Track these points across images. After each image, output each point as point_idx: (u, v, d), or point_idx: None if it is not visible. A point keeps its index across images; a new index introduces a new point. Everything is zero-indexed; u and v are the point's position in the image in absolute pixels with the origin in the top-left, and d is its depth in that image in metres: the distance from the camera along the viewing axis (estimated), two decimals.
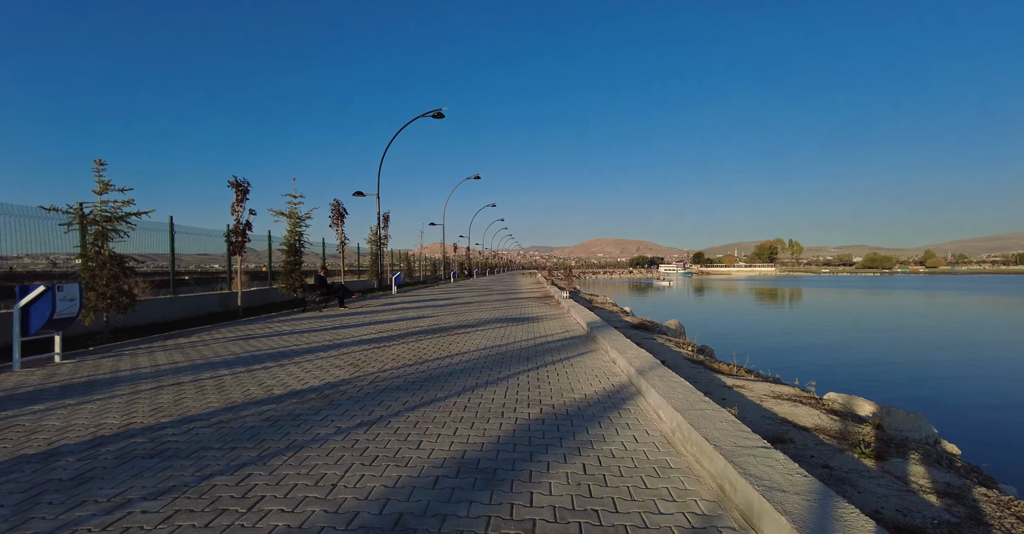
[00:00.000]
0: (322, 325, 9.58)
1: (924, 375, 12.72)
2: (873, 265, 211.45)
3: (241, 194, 11.59)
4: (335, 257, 20.68)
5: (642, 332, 9.62)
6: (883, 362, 14.35)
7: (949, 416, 8.82)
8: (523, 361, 5.85)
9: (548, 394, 4.35)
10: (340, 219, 19.15)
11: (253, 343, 7.34)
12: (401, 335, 8.03)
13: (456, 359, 5.95)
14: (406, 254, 32.85)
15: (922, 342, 18.56)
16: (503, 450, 3.05)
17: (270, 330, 8.89)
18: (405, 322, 9.92)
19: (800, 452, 3.17)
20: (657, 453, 3.06)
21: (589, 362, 5.81)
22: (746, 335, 19.97)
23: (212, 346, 7.10)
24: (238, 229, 11.64)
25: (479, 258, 69.11)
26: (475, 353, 6.37)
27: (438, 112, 20.32)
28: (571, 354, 6.32)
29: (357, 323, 9.82)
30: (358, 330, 8.71)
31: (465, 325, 9.38)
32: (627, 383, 4.79)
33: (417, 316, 11.15)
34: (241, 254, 11.94)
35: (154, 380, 4.92)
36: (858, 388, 10.30)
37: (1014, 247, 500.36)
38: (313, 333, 8.38)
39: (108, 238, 7.42)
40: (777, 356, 14.24)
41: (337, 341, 7.44)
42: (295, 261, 15.06)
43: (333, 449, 3.05)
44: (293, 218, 15.12)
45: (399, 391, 4.43)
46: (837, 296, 49.79)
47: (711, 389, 4.86)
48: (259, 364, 5.69)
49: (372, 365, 5.58)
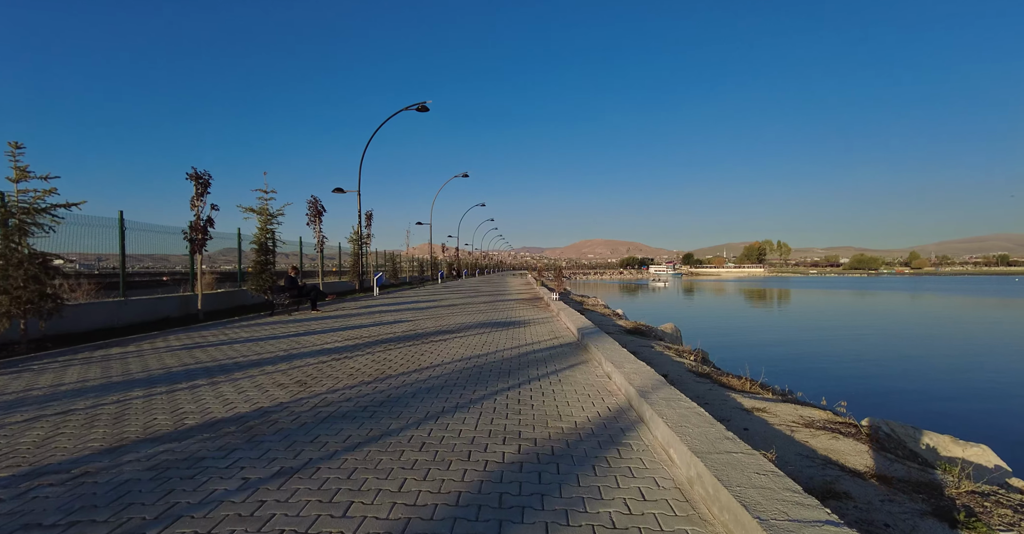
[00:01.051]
0: (285, 331, 8.65)
1: (948, 387, 11.89)
2: (860, 266, 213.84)
3: (202, 187, 10.61)
4: (314, 257, 19.65)
5: (637, 338, 8.83)
6: (897, 372, 13.53)
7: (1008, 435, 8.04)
8: (504, 376, 5.00)
9: (530, 423, 3.51)
10: (318, 217, 18.17)
11: (196, 354, 6.40)
12: (369, 344, 7.14)
13: (425, 374, 5.09)
14: (392, 254, 31.84)
15: (931, 348, 17.88)
16: (462, 518, 2.21)
17: (224, 337, 7.94)
18: (378, 327, 9.02)
19: (864, 515, 2.36)
20: (673, 519, 2.23)
21: (580, 377, 4.98)
22: (746, 340, 19.32)
23: (146, 358, 6.15)
24: (198, 226, 10.65)
25: (469, 259, 68.15)
26: (449, 366, 5.51)
27: (422, 105, 19.43)
28: (560, 366, 5.49)
29: (325, 329, 8.90)
30: (323, 337, 7.80)
31: (444, 331, 8.51)
32: (626, 406, 3.96)
33: (394, 321, 10.25)
34: (201, 253, 10.95)
35: (39, 406, 3.98)
36: (886, 407, 9.48)
37: (994, 248, 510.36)
38: (270, 341, 7.46)
39: (27, 233, 6.42)
40: (783, 365, 13.45)
41: (294, 351, 6.53)
42: (266, 261, 14.07)
43: (224, 519, 2.18)
44: (264, 215, 14.13)
45: (344, 420, 3.56)
46: (831, 297, 49.65)
47: (728, 414, 4.05)
48: (187, 382, 4.78)
49: (323, 383, 4.69)
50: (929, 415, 9.23)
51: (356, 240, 20.96)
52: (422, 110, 19.56)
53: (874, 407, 8.97)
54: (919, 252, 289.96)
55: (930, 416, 9.13)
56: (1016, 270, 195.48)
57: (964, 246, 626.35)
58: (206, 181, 10.66)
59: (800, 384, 7.12)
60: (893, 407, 9.72)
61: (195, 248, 10.72)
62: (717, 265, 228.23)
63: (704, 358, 7.26)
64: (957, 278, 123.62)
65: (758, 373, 6.95)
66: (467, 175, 35.04)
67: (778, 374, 8.20)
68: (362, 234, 21.01)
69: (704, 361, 7.02)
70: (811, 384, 9.95)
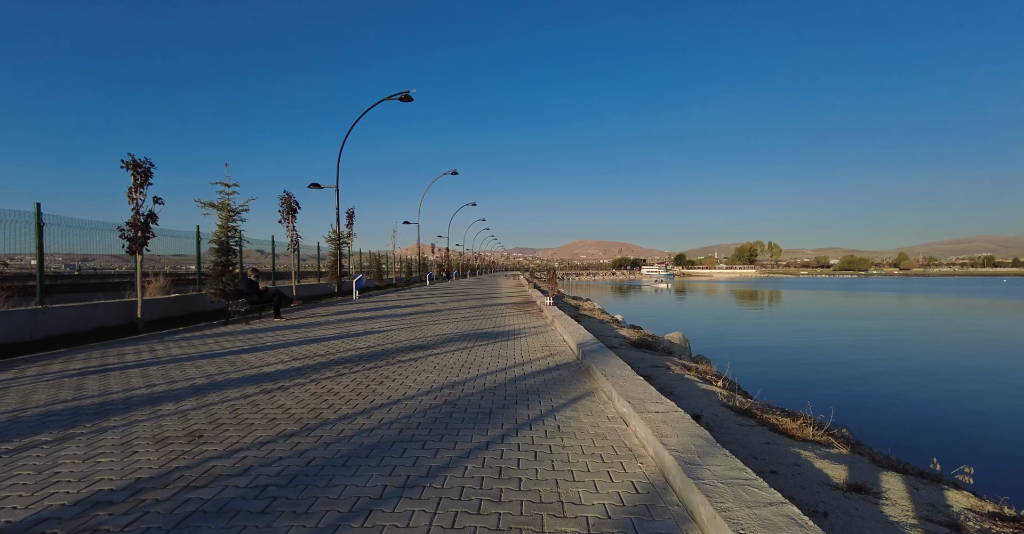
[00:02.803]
0: (227, 346, 7.25)
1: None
2: (850, 267, 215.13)
3: (141, 177, 9.17)
4: (292, 258, 18.17)
5: (646, 353, 7.56)
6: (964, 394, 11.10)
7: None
8: (482, 421, 3.68)
9: (517, 524, 2.19)
10: (291, 214, 16.68)
11: (88, 383, 4.99)
12: (321, 365, 5.77)
13: (375, 418, 3.74)
14: (377, 255, 30.37)
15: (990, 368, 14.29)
16: None
17: (145, 356, 6.52)
18: (342, 341, 7.65)
19: None
20: None
21: (587, 421, 3.68)
22: (756, 347, 17.45)
23: (10, 391, 4.73)
24: (137, 222, 9.19)
25: (460, 260, 66.71)
26: (412, 403, 4.17)
27: (406, 95, 18.06)
28: (558, 402, 4.18)
29: (277, 343, 7.52)
30: (267, 356, 6.41)
31: (418, 346, 7.17)
32: (660, 485, 2.65)
33: (364, 331, 8.88)
34: (142, 253, 9.49)
35: None
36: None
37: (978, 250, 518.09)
38: (200, 361, 6.06)
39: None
40: (812, 385, 11.44)
41: (219, 377, 5.15)
42: (227, 262, 12.63)
43: None
44: (225, 210, 12.69)
45: (217, 520, 2.21)
46: (832, 299, 48.88)
47: (816, 495, 2.75)
48: (19, 440, 3.38)
49: (225, 437, 3.33)
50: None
51: (335, 239, 19.51)
52: (406, 100, 18.19)
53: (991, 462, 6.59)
54: (907, 253, 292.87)
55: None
56: (1002, 271, 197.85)
57: (949, 247, 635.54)
58: (147, 170, 9.22)
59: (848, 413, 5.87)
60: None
61: (135, 248, 9.26)
62: (709, 266, 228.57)
63: (734, 384, 5.98)
64: (947, 279, 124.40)
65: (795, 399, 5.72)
66: (456, 173, 33.70)
67: (819, 399, 6.87)
68: (341, 233, 19.55)
69: (733, 387, 5.74)
70: (865, 416, 8.35)
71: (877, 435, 4.92)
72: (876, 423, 7.94)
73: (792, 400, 6.38)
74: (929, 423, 8.66)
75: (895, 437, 6.78)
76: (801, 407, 5.05)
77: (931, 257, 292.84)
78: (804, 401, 5.62)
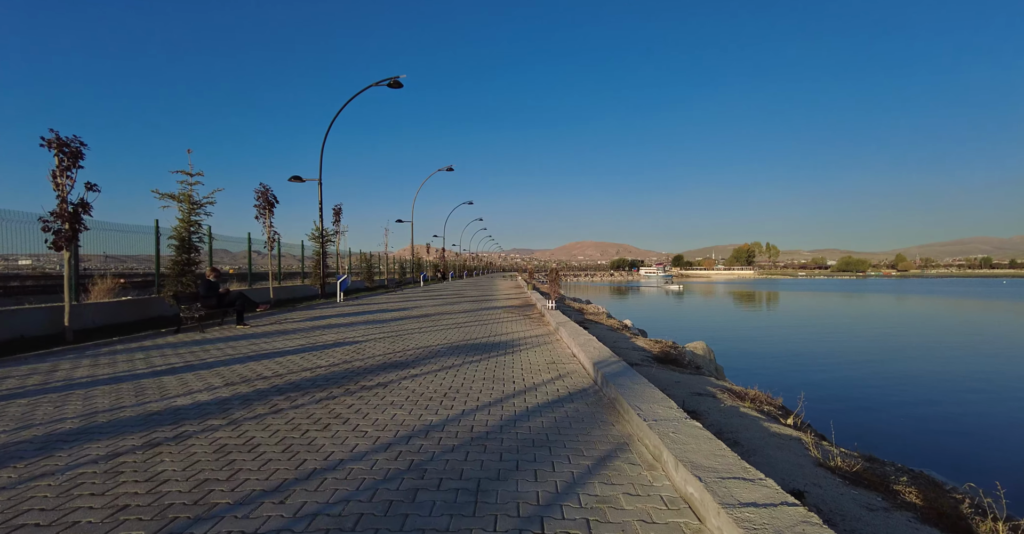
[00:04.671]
0: (155, 364, 5.80)
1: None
2: (848, 268, 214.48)
3: (68, 159, 7.71)
4: (269, 257, 16.69)
5: (676, 372, 6.17)
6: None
7: None
8: (462, 514, 2.27)
9: None
10: (269, 208, 15.23)
11: None
12: (257, 394, 4.35)
13: (287, 512, 2.33)
14: (369, 255, 28.92)
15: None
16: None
17: (34, 382, 5.06)
18: (301, 356, 6.22)
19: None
20: None
21: (632, 512, 2.27)
22: (797, 367, 14.46)
23: None
24: (64, 211, 7.74)
25: (457, 260, 65.25)
26: (356, 470, 2.75)
27: (394, 80, 16.65)
28: (579, 467, 2.78)
29: (219, 359, 6.07)
30: (194, 379, 4.97)
31: (393, 363, 5.75)
32: None
33: (334, 342, 7.46)
34: (71, 249, 8.04)
35: None
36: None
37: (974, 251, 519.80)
38: (96, 389, 4.60)
39: None
40: (876, 409, 9.44)
41: (100, 417, 3.71)
42: (188, 260, 11.19)
43: None
44: (187, 202, 11.25)
45: None
46: (841, 301, 47.61)
47: None
48: None
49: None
50: None
51: (318, 237, 18.06)
52: (394, 86, 16.77)
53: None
54: (904, 254, 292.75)
55: None
56: (999, 272, 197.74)
57: (945, 248, 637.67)
58: (76, 151, 7.77)
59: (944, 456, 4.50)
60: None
61: (60, 242, 7.80)
62: (707, 267, 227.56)
63: (803, 422, 4.57)
64: (947, 280, 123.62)
65: (878, 435, 4.34)
66: (452, 169, 32.28)
67: (911, 434, 5.34)
68: (324, 230, 18.09)
69: (801, 425, 4.33)
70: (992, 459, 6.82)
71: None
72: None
73: (880, 439, 4.99)
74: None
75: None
76: (906, 452, 3.66)
77: (927, 258, 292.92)
78: (893, 439, 4.22)
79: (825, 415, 5.97)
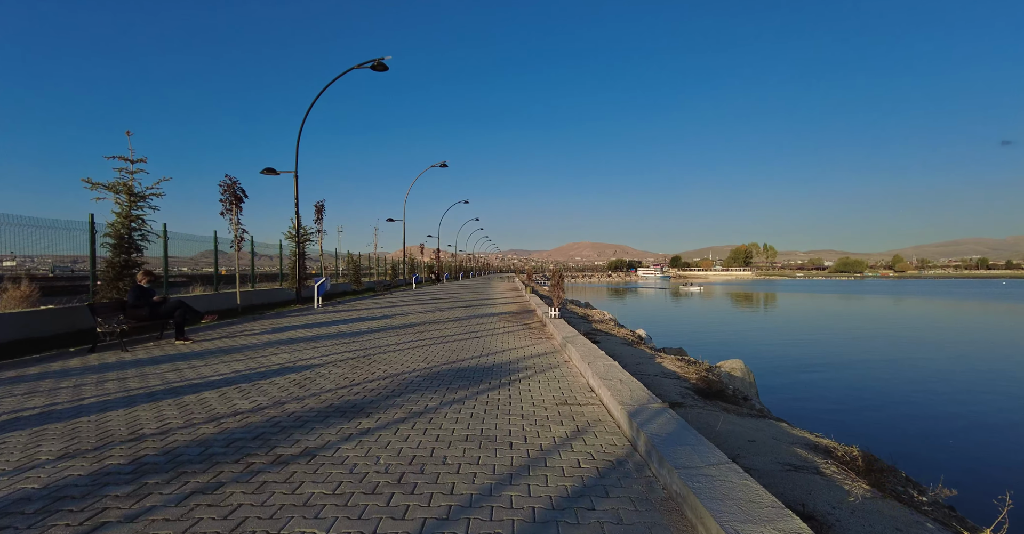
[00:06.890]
0: (8, 406, 4.15)
1: None
2: (845, 269, 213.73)
3: None
4: (236, 258, 14.99)
5: (732, 413, 4.54)
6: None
7: None
8: None
9: None
10: (236, 204, 13.56)
11: None
12: (91, 483, 2.70)
13: None
14: (356, 256, 27.24)
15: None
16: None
17: None
18: (220, 394, 4.57)
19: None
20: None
21: None
22: (852, 393, 11.52)
23: None
24: None
25: (453, 262, 63.56)
26: None
27: (379, 62, 15.00)
28: None
29: (103, 399, 4.41)
30: (17, 446, 3.32)
31: (342, 407, 4.10)
32: None
33: (279, 367, 5.80)
34: None
35: None
36: None
37: (968, 252, 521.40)
38: None
39: None
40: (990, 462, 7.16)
41: None
42: (126, 262, 9.53)
43: None
44: (125, 193, 9.59)
45: None
46: (850, 304, 46.13)
47: None
48: None
49: None
50: None
51: (295, 236, 16.38)
52: (378, 68, 15.12)
53: None
54: (900, 255, 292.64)
55: None
56: (996, 273, 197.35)
57: (940, 249, 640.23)
58: None
59: None
60: None
61: None
62: (705, 268, 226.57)
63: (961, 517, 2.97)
64: (946, 281, 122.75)
65: None
66: (445, 165, 30.65)
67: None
68: (301, 228, 16.41)
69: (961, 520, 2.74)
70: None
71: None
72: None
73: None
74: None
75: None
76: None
77: (924, 259, 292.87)
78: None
79: (928, 457, 4.35)
